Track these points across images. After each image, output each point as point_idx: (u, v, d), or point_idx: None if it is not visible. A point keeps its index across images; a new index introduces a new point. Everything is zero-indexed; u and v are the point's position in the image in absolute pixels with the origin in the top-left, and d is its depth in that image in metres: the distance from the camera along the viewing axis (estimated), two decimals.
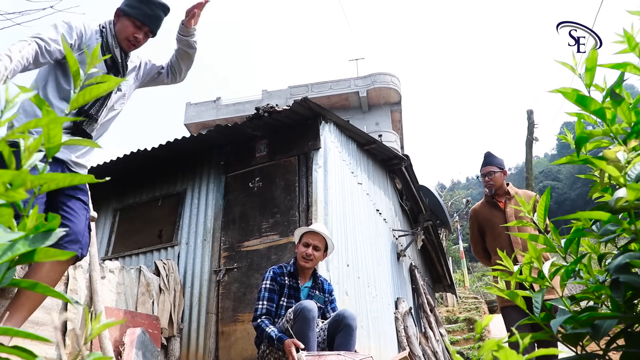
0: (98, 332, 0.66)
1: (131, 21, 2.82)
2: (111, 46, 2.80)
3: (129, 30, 2.83)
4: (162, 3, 2.90)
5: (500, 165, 4.55)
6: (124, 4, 2.84)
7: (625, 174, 0.94)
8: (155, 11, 2.88)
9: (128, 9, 2.82)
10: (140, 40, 2.88)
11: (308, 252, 3.67)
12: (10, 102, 0.62)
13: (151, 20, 2.88)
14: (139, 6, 2.82)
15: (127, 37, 2.84)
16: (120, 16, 2.85)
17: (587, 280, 1.14)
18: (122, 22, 2.84)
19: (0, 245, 0.63)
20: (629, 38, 1.15)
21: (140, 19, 2.83)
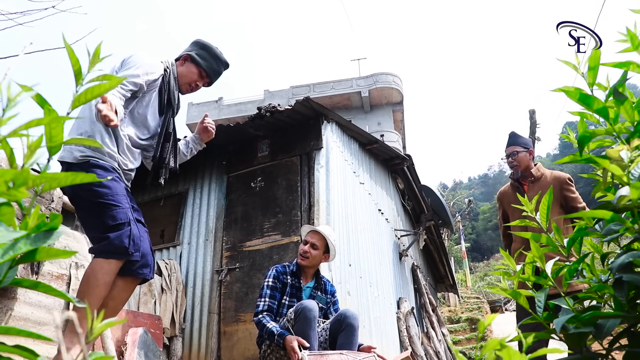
0: (100, 332, 0.66)
1: (198, 70, 3.03)
2: (172, 87, 2.94)
3: (194, 77, 3.03)
4: (228, 63, 3.15)
5: (526, 145, 4.24)
6: (195, 52, 3.03)
7: (629, 173, 0.93)
8: (220, 68, 3.11)
9: (199, 59, 3.01)
10: (199, 88, 3.11)
11: (305, 249, 3.69)
12: (12, 100, 0.62)
13: (215, 75, 3.11)
14: (209, 60, 3.05)
15: (189, 83, 3.04)
16: (188, 61, 3.03)
17: (590, 279, 1.14)
18: (189, 68, 3.02)
19: (2, 245, 0.62)
20: (632, 37, 1.15)
21: (207, 72, 3.05)
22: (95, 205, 2.47)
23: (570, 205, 3.95)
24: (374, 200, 7.98)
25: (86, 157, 2.54)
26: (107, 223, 2.43)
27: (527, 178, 4.21)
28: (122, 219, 2.48)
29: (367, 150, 8.04)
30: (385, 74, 26.23)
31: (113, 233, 2.42)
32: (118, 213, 2.48)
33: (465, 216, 34.79)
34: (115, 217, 2.46)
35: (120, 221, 2.46)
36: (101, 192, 2.49)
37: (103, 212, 2.46)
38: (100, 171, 2.54)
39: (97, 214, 2.47)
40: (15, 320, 3.16)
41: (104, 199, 2.48)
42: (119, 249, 2.42)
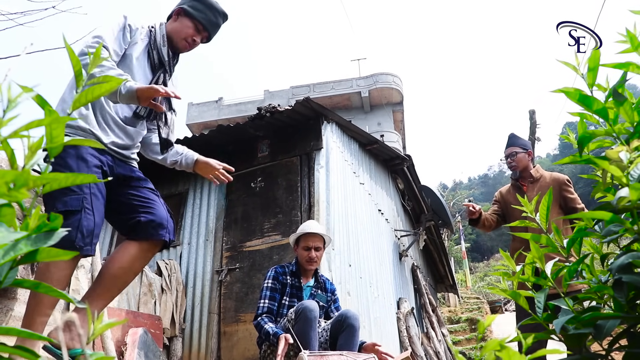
0: (100, 332, 0.66)
1: (194, 23, 2.78)
2: (158, 44, 2.73)
3: (189, 31, 2.78)
4: (225, 13, 2.88)
5: (524, 146, 4.31)
6: (187, 4, 2.79)
7: (628, 174, 0.94)
8: (218, 19, 2.86)
9: (193, 11, 2.77)
10: (197, 43, 2.85)
11: (311, 255, 3.67)
12: (12, 102, 0.62)
13: (213, 28, 2.85)
14: (204, 11, 2.79)
15: (185, 38, 2.79)
16: (181, 15, 2.80)
17: (589, 280, 1.14)
18: (183, 22, 2.79)
19: (3, 245, 0.63)
20: (632, 37, 1.15)
21: (203, 24, 2.79)
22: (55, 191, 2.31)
23: (569, 206, 3.99)
24: (374, 200, 7.98)
25: None
26: (57, 208, 2.18)
27: (527, 179, 4.26)
28: (73, 205, 2.22)
29: (367, 150, 8.04)
30: (385, 74, 26.25)
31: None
32: (71, 199, 2.23)
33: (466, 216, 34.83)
34: (66, 203, 2.21)
35: (70, 208, 2.20)
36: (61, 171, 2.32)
37: (57, 195, 2.21)
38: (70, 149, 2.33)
39: (53, 197, 2.23)
40: (16, 320, 3.17)
41: None
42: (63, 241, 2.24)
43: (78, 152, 2.34)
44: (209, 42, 2.91)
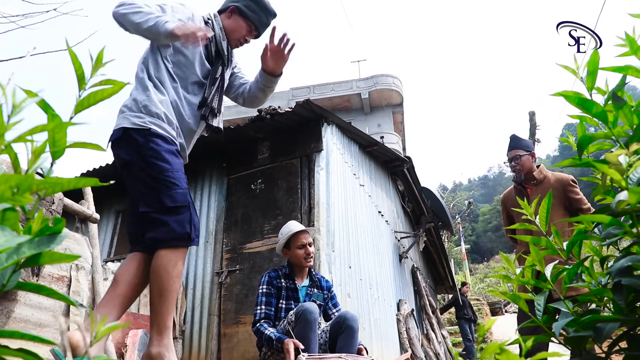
0: (103, 335, 0.66)
1: (247, 24, 2.81)
2: (218, 37, 2.75)
3: (243, 31, 2.82)
4: (275, 13, 2.89)
5: (527, 148, 4.20)
6: (242, 4, 2.80)
7: (627, 177, 0.94)
8: (269, 20, 2.87)
9: (248, 12, 2.79)
10: (248, 42, 2.90)
11: (308, 251, 3.68)
12: (17, 107, 0.63)
13: (263, 28, 2.88)
14: (258, 12, 2.81)
15: (238, 38, 2.83)
16: (236, 14, 2.81)
17: (589, 283, 1.14)
18: (237, 21, 2.81)
19: (6, 249, 0.63)
20: (631, 41, 1.16)
21: (256, 26, 2.83)
22: (153, 180, 2.29)
23: (575, 207, 3.94)
24: (374, 202, 7.99)
25: (146, 123, 2.37)
26: (165, 203, 2.26)
27: (530, 181, 4.18)
28: (181, 201, 2.30)
29: (367, 152, 8.05)
30: (385, 75, 26.23)
31: (172, 217, 2.26)
32: (177, 194, 2.30)
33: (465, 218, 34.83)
34: (174, 198, 2.28)
35: (179, 203, 2.29)
36: (161, 166, 2.31)
37: (161, 189, 2.28)
38: (161, 141, 2.37)
39: (154, 190, 2.28)
40: (16, 322, 3.17)
41: (163, 174, 2.30)
42: (181, 235, 2.26)
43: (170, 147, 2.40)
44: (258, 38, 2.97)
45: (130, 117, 2.39)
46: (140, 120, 2.37)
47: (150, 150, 2.32)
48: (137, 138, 2.34)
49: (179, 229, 2.26)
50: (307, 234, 3.75)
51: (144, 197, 2.31)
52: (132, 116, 2.39)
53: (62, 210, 3.74)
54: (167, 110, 2.47)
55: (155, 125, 2.39)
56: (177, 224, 2.26)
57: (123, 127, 2.37)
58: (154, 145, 2.33)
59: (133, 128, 2.35)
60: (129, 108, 2.42)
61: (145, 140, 2.33)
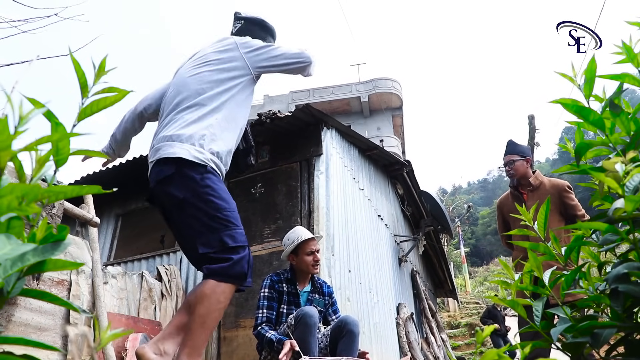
0: (107, 342, 0.67)
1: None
2: None
3: None
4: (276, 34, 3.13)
5: (522, 153, 4.25)
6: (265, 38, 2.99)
7: (624, 185, 0.95)
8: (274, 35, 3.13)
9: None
10: None
11: (317, 258, 3.67)
12: (24, 118, 0.64)
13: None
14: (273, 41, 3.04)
15: None
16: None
17: (586, 289, 1.15)
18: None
19: (11, 256, 0.64)
20: (628, 49, 1.17)
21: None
22: (212, 219, 2.25)
23: (570, 213, 3.98)
24: (373, 206, 8.00)
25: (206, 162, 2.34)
26: (226, 243, 2.23)
27: (526, 187, 4.22)
28: (241, 241, 2.28)
29: (367, 156, 8.06)
30: (385, 79, 26.27)
31: (236, 255, 2.23)
32: (237, 234, 2.28)
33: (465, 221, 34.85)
34: (235, 238, 2.26)
35: (240, 243, 2.26)
36: (221, 205, 2.28)
37: (221, 229, 2.25)
38: (217, 180, 2.36)
39: (213, 230, 2.25)
40: (16, 326, 3.17)
41: (222, 213, 2.27)
42: (239, 274, 2.23)
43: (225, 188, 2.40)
44: None
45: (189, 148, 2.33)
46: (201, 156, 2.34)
47: (208, 187, 2.28)
48: (193, 175, 2.29)
49: (238, 267, 2.23)
50: (315, 241, 3.74)
51: (203, 237, 2.28)
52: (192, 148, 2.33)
53: (63, 214, 3.75)
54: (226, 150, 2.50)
55: (214, 163, 2.38)
56: (238, 262, 2.23)
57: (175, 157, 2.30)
58: (210, 183, 2.30)
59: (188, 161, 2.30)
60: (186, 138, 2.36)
61: (202, 177, 2.29)
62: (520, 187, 4.26)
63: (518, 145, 4.36)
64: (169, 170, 2.31)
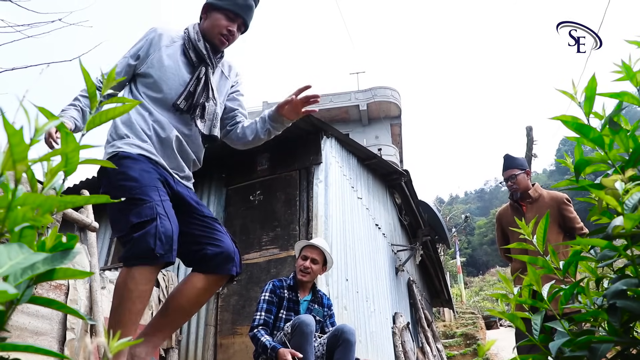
0: (117, 350, 0.68)
1: (223, 14, 2.56)
2: (193, 40, 2.57)
3: (221, 23, 2.56)
4: None
5: (522, 166, 4.25)
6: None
7: (623, 203, 0.97)
8: (248, 1, 2.59)
9: (218, 2, 2.55)
10: (234, 34, 2.62)
11: (305, 264, 3.70)
12: (39, 130, 0.65)
13: (244, 11, 2.59)
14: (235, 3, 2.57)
15: (220, 32, 2.57)
16: (209, 11, 2.60)
17: (584, 304, 1.17)
18: (213, 17, 2.58)
19: (21, 265, 0.65)
20: (627, 68, 1.19)
21: (232, 10, 2.55)
22: (123, 203, 2.13)
23: (568, 225, 4.00)
24: (371, 215, 8.01)
25: (114, 151, 2.30)
26: (131, 221, 2.08)
27: (526, 199, 4.23)
28: (147, 214, 2.10)
29: (366, 165, 8.08)
30: (384, 87, 26.33)
31: (137, 233, 2.07)
32: (144, 208, 2.11)
33: (461, 231, 34.84)
34: (140, 214, 2.10)
35: (145, 218, 2.09)
36: (127, 185, 2.17)
37: (129, 209, 2.12)
38: (129, 162, 2.25)
39: (122, 212, 2.15)
40: (13, 330, 3.17)
41: (130, 193, 2.14)
42: (142, 251, 2.05)
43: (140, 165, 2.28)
44: (247, 28, 2.70)
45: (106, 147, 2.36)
46: (110, 150, 2.33)
47: (119, 174, 2.21)
48: (107, 168, 2.27)
49: (140, 244, 2.06)
50: (313, 250, 3.78)
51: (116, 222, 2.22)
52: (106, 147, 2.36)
53: (62, 218, 3.76)
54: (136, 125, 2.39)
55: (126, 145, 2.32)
56: (139, 239, 2.06)
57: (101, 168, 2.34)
58: (123, 169, 2.23)
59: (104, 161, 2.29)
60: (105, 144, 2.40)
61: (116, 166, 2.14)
62: (520, 199, 4.27)
63: (516, 158, 4.37)
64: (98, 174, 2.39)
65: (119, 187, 2.20)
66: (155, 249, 2.05)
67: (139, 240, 2.06)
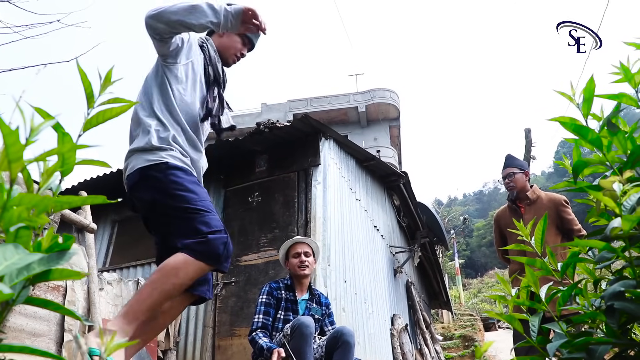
0: (113, 351, 0.68)
1: (241, 37, 2.72)
2: (213, 60, 2.67)
3: (238, 46, 2.74)
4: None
5: (522, 167, 4.31)
6: None
7: (621, 205, 0.97)
8: None
9: None
10: (244, 56, 2.82)
11: (302, 259, 3.72)
12: (34, 130, 0.65)
13: (256, 37, 2.79)
14: None
15: (234, 54, 2.75)
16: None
17: (582, 306, 1.17)
18: (231, 37, 2.72)
19: (17, 266, 0.65)
20: (626, 70, 1.19)
21: (249, 36, 2.74)
22: (184, 212, 2.21)
23: (566, 227, 4.01)
24: (369, 216, 8.01)
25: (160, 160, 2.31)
26: (201, 230, 2.17)
27: (524, 200, 4.25)
28: (216, 225, 2.22)
29: (364, 166, 8.08)
30: (383, 89, 26.36)
31: (211, 235, 2.16)
32: (211, 219, 2.23)
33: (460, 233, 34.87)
34: (209, 224, 2.20)
35: (215, 228, 2.20)
36: (187, 197, 2.24)
37: (193, 218, 2.20)
38: (181, 173, 2.31)
39: (187, 220, 2.21)
40: (10, 331, 3.17)
41: (192, 204, 2.23)
42: (212, 253, 2.15)
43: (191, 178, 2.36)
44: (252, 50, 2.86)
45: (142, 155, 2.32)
46: (155, 157, 2.31)
47: (173, 183, 2.26)
48: (155, 174, 2.28)
49: (213, 246, 2.15)
50: (302, 244, 3.81)
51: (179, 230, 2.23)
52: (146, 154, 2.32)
53: (60, 219, 3.75)
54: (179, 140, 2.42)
55: (171, 157, 2.34)
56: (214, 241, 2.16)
57: (138, 167, 2.30)
58: (175, 178, 2.27)
59: (149, 166, 2.28)
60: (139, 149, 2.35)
61: (165, 175, 2.27)
62: (518, 200, 4.29)
63: (517, 159, 4.41)
64: (135, 177, 2.31)
65: (176, 196, 2.24)
66: (221, 255, 2.17)
67: (213, 241, 2.16)
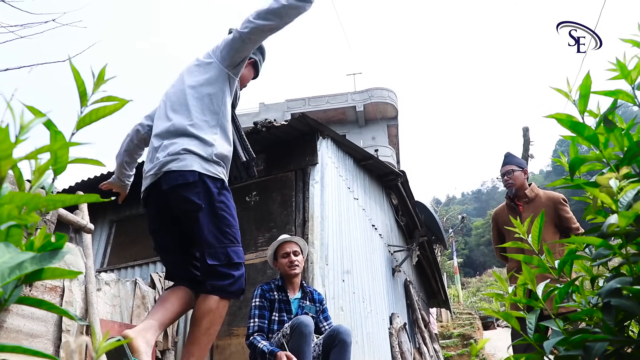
0: (104, 351, 0.68)
1: (255, 71, 3.06)
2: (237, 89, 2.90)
3: (249, 79, 3.06)
4: None
5: (520, 165, 4.33)
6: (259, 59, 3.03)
7: (617, 201, 0.96)
8: None
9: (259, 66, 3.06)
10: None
11: (292, 259, 3.72)
12: (24, 127, 0.64)
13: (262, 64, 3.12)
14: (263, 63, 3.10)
15: (244, 84, 3.04)
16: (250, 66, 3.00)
17: (579, 303, 1.16)
18: (250, 71, 3.01)
19: (8, 265, 0.64)
20: (622, 66, 1.19)
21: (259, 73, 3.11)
22: (223, 234, 2.37)
23: (564, 225, 4.01)
24: (367, 215, 8.00)
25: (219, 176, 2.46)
26: (232, 258, 2.36)
27: (522, 198, 4.25)
28: (242, 258, 2.42)
29: (362, 165, 8.08)
30: (381, 89, 26.37)
31: (237, 272, 2.37)
32: (240, 251, 2.42)
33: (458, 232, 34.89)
34: (238, 255, 2.39)
35: (241, 260, 2.40)
36: (231, 222, 2.42)
37: (228, 244, 2.38)
38: (230, 196, 2.49)
39: (222, 243, 2.36)
40: (7, 332, 3.15)
41: (231, 230, 2.40)
42: (238, 291, 2.40)
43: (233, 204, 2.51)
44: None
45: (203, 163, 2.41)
46: (214, 170, 2.43)
47: (222, 202, 2.40)
48: (211, 187, 2.39)
49: (238, 284, 2.38)
50: (290, 243, 3.81)
51: (212, 248, 2.35)
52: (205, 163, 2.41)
53: (57, 219, 3.74)
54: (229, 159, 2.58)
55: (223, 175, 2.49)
56: (239, 279, 2.38)
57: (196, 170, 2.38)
58: (224, 199, 2.42)
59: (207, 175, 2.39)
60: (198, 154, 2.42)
61: (218, 192, 2.40)
62: (516, 198, 4.30)
63: (515, 156, 4.43)
64: (191, 177, 2.37)
65: (220, 216, 2.39)
66: (244, 290, 2.44)
67: (238, 279, 2.38)
